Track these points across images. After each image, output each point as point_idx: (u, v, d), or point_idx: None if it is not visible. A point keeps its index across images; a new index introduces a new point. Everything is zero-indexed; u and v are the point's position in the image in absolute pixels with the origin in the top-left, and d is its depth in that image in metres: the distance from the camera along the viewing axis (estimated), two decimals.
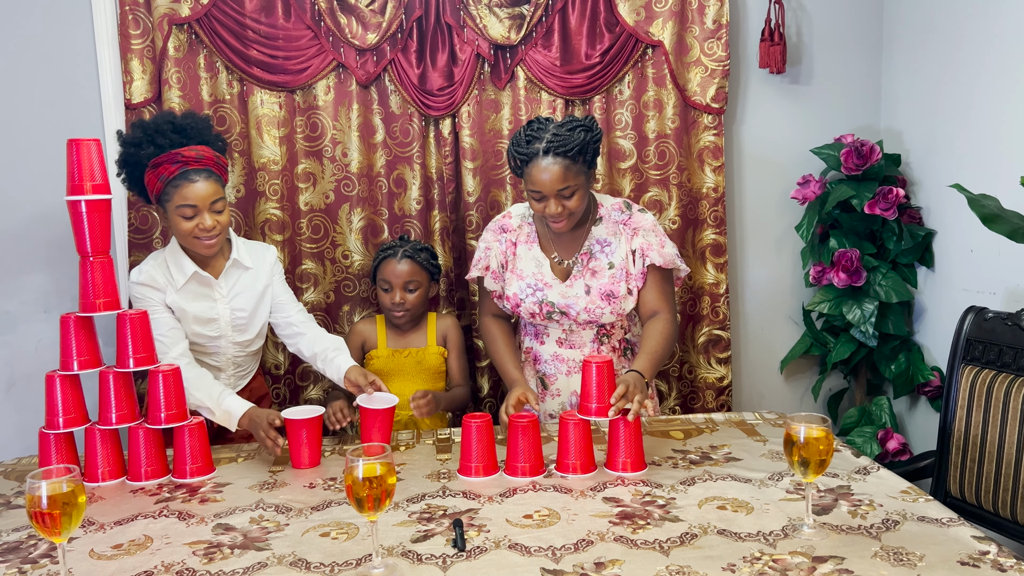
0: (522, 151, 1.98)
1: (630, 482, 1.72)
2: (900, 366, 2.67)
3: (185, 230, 2.01)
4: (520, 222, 2.19)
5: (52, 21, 2.49)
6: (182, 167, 1.99)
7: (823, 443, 1.44)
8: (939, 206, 2.60)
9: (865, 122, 2.83)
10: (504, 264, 2.17)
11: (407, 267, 2.35)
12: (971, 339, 2.08)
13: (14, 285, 2.54)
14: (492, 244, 2.18)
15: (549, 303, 2.10)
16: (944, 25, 2.52)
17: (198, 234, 2.01)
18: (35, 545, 1.52)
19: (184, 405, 1.88)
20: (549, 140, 1.95)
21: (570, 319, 2.11)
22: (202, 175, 2.00)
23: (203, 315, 2.09)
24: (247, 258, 2.15)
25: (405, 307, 2.34)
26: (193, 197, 1.99)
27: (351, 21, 2.53)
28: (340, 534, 1.52)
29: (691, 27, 2.64)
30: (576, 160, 1.96)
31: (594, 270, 2.10)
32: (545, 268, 2.13)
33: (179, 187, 1.99)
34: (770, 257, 2.87)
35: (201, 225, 2.00)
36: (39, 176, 2.53)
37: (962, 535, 1.43)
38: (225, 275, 2.12)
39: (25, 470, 1.94)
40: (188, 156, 1.99)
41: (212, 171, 2.03)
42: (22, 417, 2.56)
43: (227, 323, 2.12)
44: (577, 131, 1.96)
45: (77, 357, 1.82)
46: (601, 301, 2.08)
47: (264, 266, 2.19)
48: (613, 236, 2.11)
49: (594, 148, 2.00)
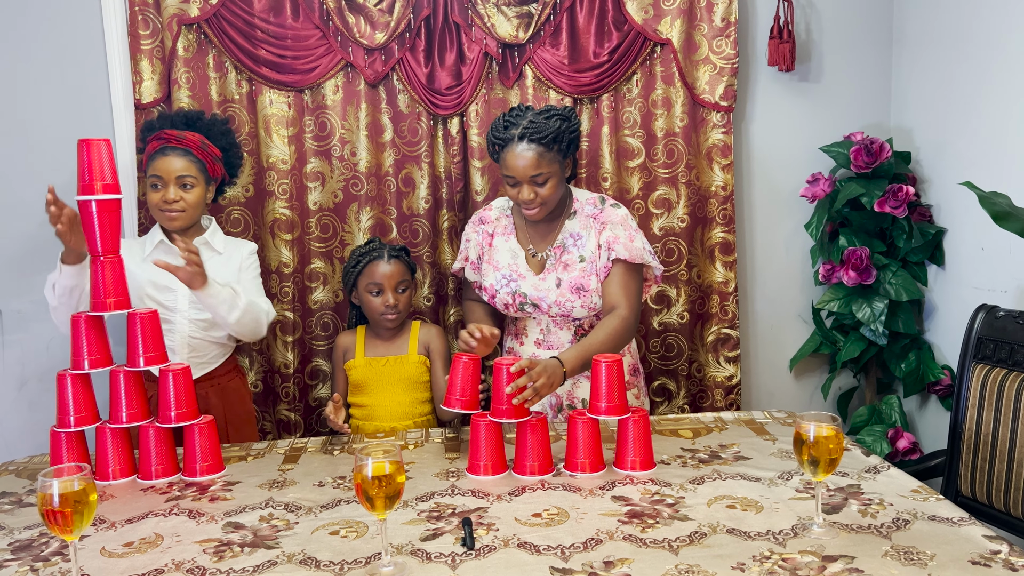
0: (499, 136, 2.04)
1: (639, 481, 1.72)
2: (910, 365, 2.66)
3: (153, 202, 2.14)
4: (499, 214, 2.23)
5: (62, 22, 2.50)
6: (163, 143, 2.14)
7: (833, 442, 1.43)
8: (949, 204, 2.59)
9: (875, 120, 2.82)
10: (481, 255, 2.21)
11: (395, 267, 2.27)
12: (982, 337, 2.07)
13: (25, 284, 2.56)
14: (471, 236, 2.24)
15: (522, 294, 2.12)
16: (955, 22, 2.51)
17: (162, 206, 2.13)
18: (47, 543, 1.53)
19: (195, 403, 1.89)
20: (525, 127, 2.00)
21: (542, 312, 2.12)
22: (177, 152, 2.13)
23: (161, 280, 2.13)
24: (219, 244, 2.23)
25: (398, 308, 2.26)
26: (161, 169, 2.12)
27: (359, 20, 2.53)
28: (349, 532, 1.52)
29: (700, 25, 2.63)
30: (551, 148, 2.00)
31: (566, 263, 2.12)
32: (520, 260, 2.15)
33: (154, 160, 2.14)
34: (779, 255, 2.86)
35: (164, 197, 2.12)
36: (49, 175, 2.53)
37: (973, 534, 1.42)
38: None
39: (37, 468, 1.95)
40: (170, 135, 2.14)
41: (191, 152, 2.14)
42: (34, 415, 2.57)
43: (184, 296, 2.14)
44: (553, 119, 2.01)
45: (88, 356, 1.83)
46: (571, 294, 2.09)
47: (236, 257, 2.23)
48: (584, 230, 2.13)
49: (570, 138, 2.04)
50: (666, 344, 2.76)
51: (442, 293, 2.71)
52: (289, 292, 2.62)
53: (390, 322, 2.28)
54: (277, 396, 2.66)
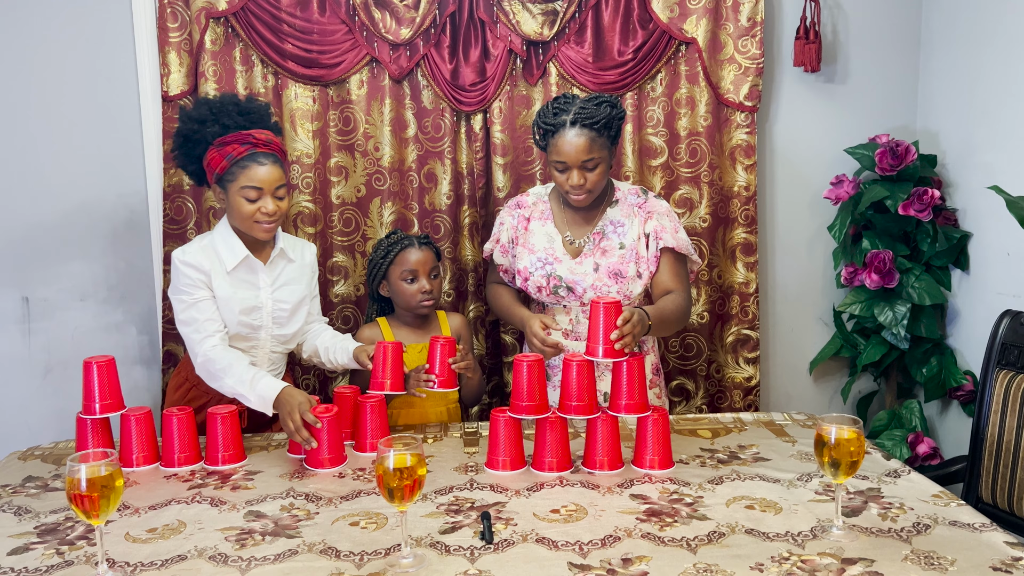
0: (549, 122, 2.05)
1: (657, 480, 1.72)
2: (932, 370, 2.64)
3: (247, 212, 1.99)
4: (535, 200, 2.25)
5: (92, 14, 2.53)
6: (251, 148, 1.98)
7: (854, 444, 1.43)
8: (975, 208, 2.57)
9: (901, 122, 2.79)
10: (514, 239, 2.23)
11: (426, 253, 2.30)
12: (1006, 344, 2.05)
13: (52, 273, 2.59)
14: (505, 219, 2.26)
15: (557, 276, 2.13)
16: (982, 26, 2.48)
17: (259, 218, 1.99)
18: (72, 527, 1.56)
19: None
20: (577, 112, 2.02)
21: (575, 296, 2.12)
22: (269, 159, 1.99)
23: (247, 303, 2.05)
24: (292, 250, 2.14)
25: (433, 294, 2.29)
26: (259, 179, 1.97)
27: (385, 16, 2.55)
28: (369, 523, 1.54)
29: (725, 24, 2.62)
30: (601, 134, 2.03)
31: (604, 249, 2.13)
32: (557, 244, 2.17)
33: (246, 168, 1.97)
34: (801, 257, 2.85)
35: (264, 209, 1.98)
36: (77, 166, 2.58)
37: (995, 540, 1.41)
38: (271, 264, 2.09)
39: (62, 454, 1.98)
40: (259, 139, 1.99)
41: (278, 156, 2.03)
42: (59, 402, 2.61)
43: (268, 313, 2.08)
44: (603, 106, 2.04)
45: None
46: (608, 279, 2.11)
47: (305, 261, 2.18)
48: (627, 218, 2.15)
49: (618, 125, 2.07)
50: (685, 344, 2.76)
51: (462, 289, 2.72)
52: None
53: (426, 308, 2.30)
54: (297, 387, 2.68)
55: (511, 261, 2.25)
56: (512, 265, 2.25)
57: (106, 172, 2.59)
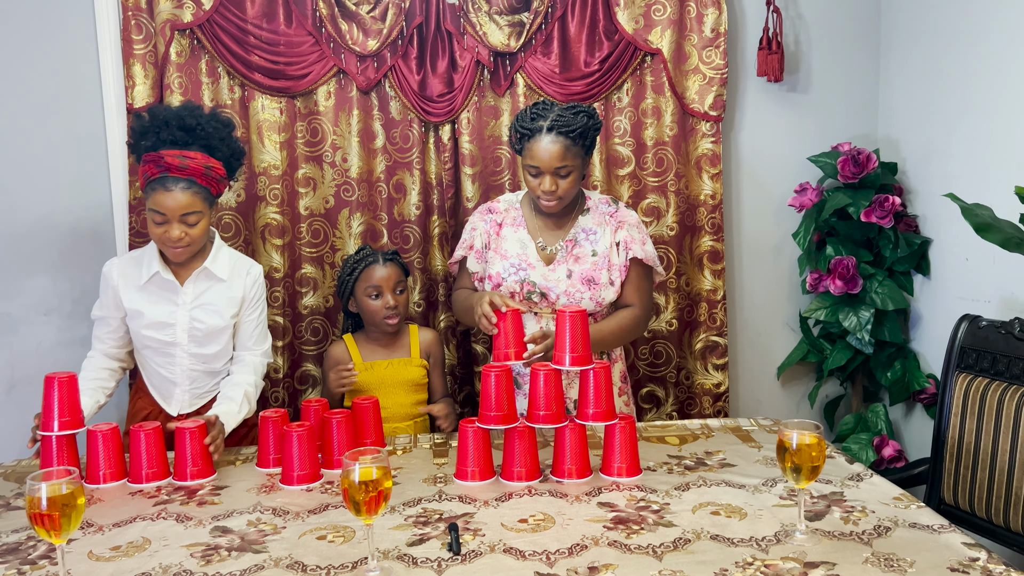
0: (526, 126, 2.07)
1: (625, 487, 1.73)
2: (896, 373, 2.68)
3: (155, 234, 1.99)
4: (507, 206, 2.25)
5: (55, 26, 2.51)
6: (163, 172, 1.94)
7: (815, 449, 1.45)
8: (935, 214, 2.62)
9: (862, 131, 2.85)
10: (487, 244, 2.22)
11: (391, 269, 2.31)
12: (965, 347, 2.09)
13: (15, 287, 2.56)
14: (478, 224, 2.25)
15: (531, 282, 2.14)
16: (942, 34, 2.54)
17: (165, 240, 1.98)
18: (34, 546, 1.53)
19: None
20: (554, 119, 2.04)
21: (549, 302, 2.14)
22: (180, 184, 1.95)
23: (159, 319, 2.03)
24: (222, 269, 2.07)
25: (398, 310, 2.29)
26: (162, 205, 1.94)
27: (352, 27, 2.55)
28: (336, 537, 1.53)
29: (690, 35, 2.66)
30: (576, 142, 2.05)
31: (577, 256, 2.15)
32: (530, 250, 2.18)
33: (155, 191, 1.95)
34: (767, 264, 2.89)
35: (167, 234, 1.96)
36: (41, 178, 2.54)
37: (953, 541, 1.44)
38: (193, 281, 2.05)
39: (25, 472, 1.95)
40: (171, 163, 1.94)
41: (195, 181, 1.96)
42: (22, 418, 2.54)
43: (183, 331, 2.04)
44: (580, 116, 2.06)
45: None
46: (582, 285, 2.12)
47: (240, 285, 2.09)
48: (599, 226, 2.18)
49: (594, 135, 2.10)
50: (655, 351, 2.78)
51: (432, 299, 2.73)
52: (279, 297, 2.62)
53: (391, 324, 2.29)
54: (266, 401, 2.67)
55: (484, 267, 2.23)
56: (484, 271, 2.24)
57: (70, 185, 2.56)
